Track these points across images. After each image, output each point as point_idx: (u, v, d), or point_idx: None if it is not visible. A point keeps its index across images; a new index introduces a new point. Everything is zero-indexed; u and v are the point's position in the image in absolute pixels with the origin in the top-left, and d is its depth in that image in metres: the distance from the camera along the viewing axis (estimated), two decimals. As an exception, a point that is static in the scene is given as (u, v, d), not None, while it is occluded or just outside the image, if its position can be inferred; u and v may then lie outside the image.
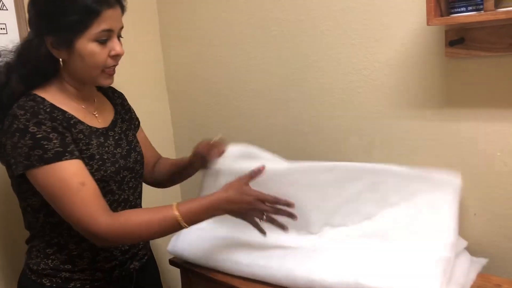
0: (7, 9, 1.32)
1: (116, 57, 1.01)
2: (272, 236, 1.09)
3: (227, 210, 1.02)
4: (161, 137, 1.77)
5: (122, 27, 1.02)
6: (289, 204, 1.03)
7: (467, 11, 0.99)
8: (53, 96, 1.01)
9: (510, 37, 0.97)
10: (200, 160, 1.19)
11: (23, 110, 0.95)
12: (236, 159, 1.16)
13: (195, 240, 1.21)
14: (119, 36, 1.02)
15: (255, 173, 1.05)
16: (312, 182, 1.12)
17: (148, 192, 1.28)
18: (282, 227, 1.05)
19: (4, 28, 1.32)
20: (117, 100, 1.20)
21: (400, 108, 1.18)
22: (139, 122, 1.26)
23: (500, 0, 0.94)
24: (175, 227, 0.98)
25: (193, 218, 0.99)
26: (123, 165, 1.08)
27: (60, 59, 1.01)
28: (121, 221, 0.95)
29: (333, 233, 1.12)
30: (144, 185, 1.21)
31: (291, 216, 1.04)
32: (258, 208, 1.02)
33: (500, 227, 1.07)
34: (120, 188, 1.07)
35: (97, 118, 1.09)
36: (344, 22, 1.23)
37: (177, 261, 1.24)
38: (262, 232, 1.06)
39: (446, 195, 1.04)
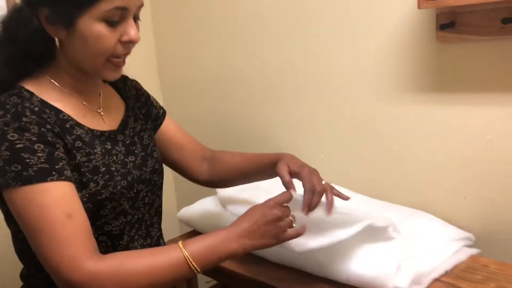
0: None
1: (129, 44, 0.79)
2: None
3: (252, 236, 0.78)
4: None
5: (141, 6, 0.80)
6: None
7: (457, -6, 0.98)
8: (45, 89, 0.80)
9: (499, 20, 0.97)
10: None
11: (3, 110, 0.73)
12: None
13: (205, 211, 1.20)
14: (136, 18, 0.80)
15: (285, 197, 0.83)
16: None
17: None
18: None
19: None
20: (129, 92, 0.97)
21: (392, 93, 1.19)
22: (164, 115, 1.03)
23: (490, -16, 0.94)
24: (183, 270, 0.75)
25: (206, 257, 0.76)
26: (137, 176, 0.86)
27: (56, 39, 0.79)
28: (112, 267, 0.72)
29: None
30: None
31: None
32: (286, 215, 0.80)
33: (488, 210, 1.08)
34: (134, 207, 0.86)
35: (103, 117, 0.87)
36: (336, 7, 1.23)
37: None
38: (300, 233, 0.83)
39: None
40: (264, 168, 0.99)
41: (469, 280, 0.93)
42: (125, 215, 0.85)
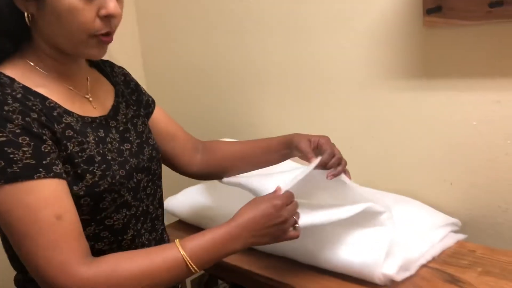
0: None
1: (109, 19, 0.71)
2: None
3: (255, 234, 0.76)
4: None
5: None
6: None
7: (444, -22, 0.97)
8: (26, 74, 0.73)
9: (486, 4, 0.96)
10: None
11: None
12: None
13: (191, 200, 1.18)
14: None
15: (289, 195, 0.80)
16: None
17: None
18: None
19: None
20: (117, 77, 0.91)
21: (378, 79, 1.18)
22: (153, 103, 0.97)
23: (477, -33, 0.93)
24: (181, 271, 0.71)
25: (205, 257, 0.72)
26: (135, 165, 0.81)
27: (26, 14, 0.71)
28: (106, 272, 0.67)
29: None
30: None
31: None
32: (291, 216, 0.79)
33: (475, 196, 1.09)
34: (137, 198, 0.81)
35: (92, 103, 0.81)
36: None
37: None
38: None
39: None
40: (275, 150, 0.97)
41: (456, 265, 0.94)
42: (128, 208, 0.79)
